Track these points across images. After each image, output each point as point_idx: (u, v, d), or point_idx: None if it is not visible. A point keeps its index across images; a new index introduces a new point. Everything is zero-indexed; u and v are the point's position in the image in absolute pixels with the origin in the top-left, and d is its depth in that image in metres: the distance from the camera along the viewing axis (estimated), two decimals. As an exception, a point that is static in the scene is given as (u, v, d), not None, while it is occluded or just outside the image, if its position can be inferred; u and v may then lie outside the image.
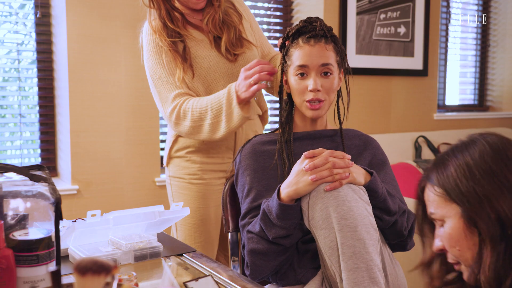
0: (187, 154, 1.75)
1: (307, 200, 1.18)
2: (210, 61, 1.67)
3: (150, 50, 1.67)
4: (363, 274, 1.10)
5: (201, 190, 1.74)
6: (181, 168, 1.76)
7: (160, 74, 1.66)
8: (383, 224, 1.24)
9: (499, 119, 4.17)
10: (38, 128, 2.53)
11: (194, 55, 1.66)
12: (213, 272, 1.13)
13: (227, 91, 1.54)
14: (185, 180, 1.76)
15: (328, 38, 1.38)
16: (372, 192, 1.21)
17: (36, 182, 0.97)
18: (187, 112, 1.61)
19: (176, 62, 1.64)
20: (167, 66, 1.65)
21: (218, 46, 1.68)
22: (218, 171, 1.76)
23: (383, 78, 3.47)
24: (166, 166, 1.82)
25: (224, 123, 1.56)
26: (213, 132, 1.60)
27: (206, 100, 1.59)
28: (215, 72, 1.67)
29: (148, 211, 1.24)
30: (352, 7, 3.24)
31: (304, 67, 1.36)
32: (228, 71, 1.69)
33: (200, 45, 1.67)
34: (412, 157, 3.32)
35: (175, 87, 1.64)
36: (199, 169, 1.74)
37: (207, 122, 1.59)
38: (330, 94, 1.38)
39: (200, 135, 1.63)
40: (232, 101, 1.53)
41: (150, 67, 1.69)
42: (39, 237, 0.90)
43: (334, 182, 1.15)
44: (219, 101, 1.56)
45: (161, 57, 1.65)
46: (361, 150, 1.42)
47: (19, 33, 2.49)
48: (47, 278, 0.91)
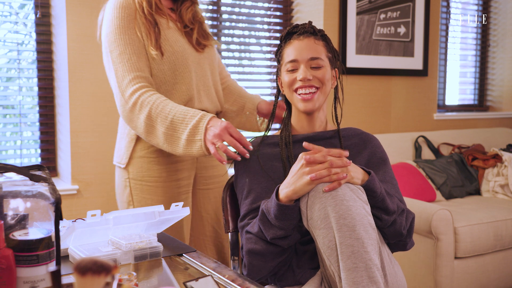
0: (151, 154, 1.60)
1: (305, 200, 1.18)
2: (180, 46, 1.59)
3: (116, 24, 1.52)
4: (362, 274, 1.10)
5: (167, 193, 1.61)
6: (143, 170, 1.60)
7: (122, 51, 1.51)
8: (382, 224, 1.24)
9: (499, 119, 4.17)
10: (38, 128, 2.53)
11: (165, 37, 1.57)
12: (213, 272, 1.14)
13: (197, 120, 1.41)
14: (149, 184, 1.61)
15: (318, 35, 1.40)
16: (370, 192, 1.21)
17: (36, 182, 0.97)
18: (145, 106, 1.46)
19: (150, 37, 1.53)
20: (131, 44, 1.51)
21: (188, 35, 1.64)
22: (183, 169, 1.65)
23: (383, 78, 3.47)
24: (124, 167, 1.63)
25: (182, 146, 1.44)
26: (167, 144, 1.46)
27: (170, 108, 1.45)
28: (184, 57, 1.59)
29: (148, 211, 1.24)
30: (352, 7, 3.24)
31: (293, 61, 1.38)
32: (195, 60, 1.63)
33: (171, 31, 1.60)
34: (412, 157, 3.32)
35: (136, 68, 1.50)
36: (165, 171, 1.61)
37: (161, 129, 1.45)
38: (325, 83, 1.38)
39: (152, 139, 1.49)
40: (198, 134, 1.41)
41: (111, 42, 1.53)
42: (39, 237, 0.90)
43: (332, 183, 1.15)
44: (183, 121, 1.43)
45: (127, 34, 1.52)
46: (361, 149, 1.42)
47: (19, 33, 2.50)
48: (47, 278, 0.91)
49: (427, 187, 3.01)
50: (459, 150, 3.45)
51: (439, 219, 2.44)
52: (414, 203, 2.59)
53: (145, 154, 1.60)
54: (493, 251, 2.62)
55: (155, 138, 1.48)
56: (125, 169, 1.63)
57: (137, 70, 1.50)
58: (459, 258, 2.51)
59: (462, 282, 2.52)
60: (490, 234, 2.59)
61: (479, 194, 3.27)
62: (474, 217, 2.63)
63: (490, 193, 3.21)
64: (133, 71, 1.50)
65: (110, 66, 1.55)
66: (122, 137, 1.67)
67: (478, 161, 3.30)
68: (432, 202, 2.94)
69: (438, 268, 2.46)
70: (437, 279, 2.46)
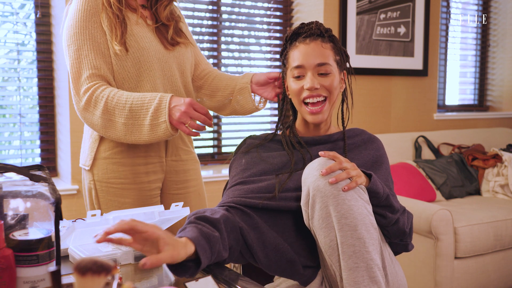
0: (115, 155, 1.53)
1: (307, 199, 1.18)
2: (147, 42, 1.51)
3: (78, 17, 1.45)
4: (363, 274, 1.10)
5: (134, 196, 1.54)
6: (109, 171, 1.53)
7: (80, 46, 1.43)
8: (387, 222, 1.23)
9: (499, 119, 4.17)
10: (38, 128, 2.53)
11: (132, 32, 1.50)
12: (213, 272, 1.13)
13: (158, 102, 1.37)
14: (115, 186, 1.54)
15: (325, 37, 1.36)
16: (373, 194, 1.21)
17: (36, 182, 0.97)
18: (100, 100, 1.40)
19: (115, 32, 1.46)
20: (90, 40, 1.44)
21: (159, 32, 1.58)
22: (150, 172, 1.57)
23: (383, 78, 3.47)
24: (87, 168, 1.56)
25: (147, 132, 1.39)
26: (128, 134, 1.41)
27: (126, 97, 1.40)
28: (150, 54, 1.51)
29: (148, 211, 1.24)
30: (352, 7, 3.24)
31: (299, 67, 1.34)
32: (163, 58, 1.55)
33: (138, 26, 1.53)
34: (412, 157, 3.32)
35: (92, 66, 1.43)
36: (131, 173, 1.54)
37: (120, 121, 1.40)
38: (332, 92, 1.35)
39: (112, 133, 1.43)
40: (161, 116, 1.37)
41: (70, 36, 1.45)
42: (39, 237, 0.90)
43: (351, 182, 1.15)
44: (143, 106, 1.38)
45: (87, 28, 1.44)
46: (361, 149, 1.42)
47: (19, 33, 2.49)
48: (47, 278, 0.91)
49: (427, 187, 3.01)
50: (459, 150, 3.45)
51: (439, 219, 2.44)
52: (414, 203, 2.59)
53: (109, 155, 1.53)
54: (493, 251, 2.62)
55: (115, 132, 1.42)
56: (89, 171, 1.56)
57: (94, 68, 1.43)
58: (459, 258, 2.51)
59: (462, 282, 2.51)
60: (490, 234, 2.59)
61: (479, 194, 3.27)
62: (474, 217, 2.63)
63: (490, 193, 3.21)
64: (89, 69, 1.43)
65: (67, 63, 1.48)
66: (86, 137, 1.60)
67: (478, 161, 3.30)
68: (432, 202, 2.94)
69: (438, 268, 2.46)
70: (437, 279, 2.46)
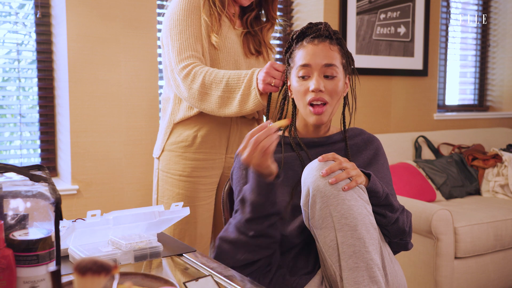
0: (180, 149, 1.71)
1: (307, 199, 1.18)
2: (229, 42, 1.69)
3: (182, 7, 1.64)
4: (363, 273, 1.10)
5: (188, 188, 1.70)
6: (172, 163, 1.72)
7: (183, 30, 1.62)
8: (386, 221, 1.23)
9: (499, 119, 4.17)
10: (38, 128, 2.53)
11: (221, 31, 1.68)
12: (213, 272, 1.13)
13: (250, 73, 1.52)
14: (173, 177, 1.71)
15: (333, 39, 1.34)
16: (373, 193, 1.21)
17: (36, 182, 0.97)
18: (198, 75, 1.57)
19: (213, 24, 1.64)
20: (192, 27, 1.63)
21: (245, 38, 1.75)
22: (209, 168, 1.72)
23: (383, 78, 3.47)
24: (157, 157, 1.77)
25: (238, 102, 1.53)
26: (221, 107, 1.56)
27: (223, 73, 1.56)
28: (229, 54, 1.69)
29: (148, 211, 1.24)
30: (352, 7, 3.24)
31: (306, 66, 1.31)
32: (239, 60, 1.72)
33: (227, 28, 1.70)
34: (412, 157, 3.32)
35: (192, 48, 1.62)
36: (190, 167, 1.70)
37: (216, 94, 1.55)
38: (334, 97, 1.33)
39: (205, 105, 1.59)
40: (252, 84, 1.51)
41: (174, 20, 1.64)
42: (39, 237, 0.90)
43: (351, 182, 1.15)
44: (239, 79, 1.53)
45: (190, 17, 1.63)
46: (361, 149, 1.41)
47: (19, 33, 2.49)
48: (47, 278, 0.90)
49: (427, 187, 3.01)
50: (459, 150, 3.45)
51: (439, 219, 2.44)
52: (414, 203, 2.59)
53: (174, 148, 1.71)
54: (493, 251, 2.62)
55: (209, 104, 1.58)
56: (158, 159, 1.76)
57: (193, 50, 1.62)
58: (459, 258, 2.51)
59: (462, 282, 2.51)
60: (490, 234, 2.59)
61: (479, 194, 3.27)
62: (474, 217, 2.63)
63: (490, 193, 3.21)
64: (189, 50, 1.62)
65: (168, 42, 1.65)
66: (161, 129, 1.78)
67: (478, 161, 3.30)
68: (432, 202, 2.94)
69: (438, 268, 2.46)
70: (437, 279, 2.46)
